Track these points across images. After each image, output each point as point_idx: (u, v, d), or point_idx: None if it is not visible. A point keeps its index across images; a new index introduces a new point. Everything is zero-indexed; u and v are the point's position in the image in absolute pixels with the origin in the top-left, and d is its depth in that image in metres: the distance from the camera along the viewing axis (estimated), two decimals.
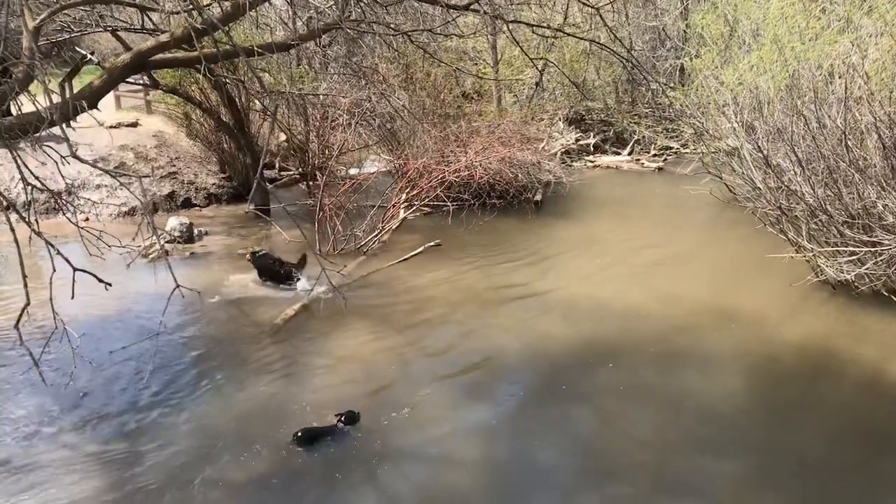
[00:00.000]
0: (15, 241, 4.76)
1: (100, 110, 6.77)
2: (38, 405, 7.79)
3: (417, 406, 7.89)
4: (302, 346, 9.34)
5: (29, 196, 5.50)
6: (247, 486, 6.53)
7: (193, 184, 17.36)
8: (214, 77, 12.36)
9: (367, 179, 15.14)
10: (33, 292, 4.79)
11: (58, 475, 6.65)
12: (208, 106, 15.98)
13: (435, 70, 17.04)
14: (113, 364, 8.61)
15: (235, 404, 7.96)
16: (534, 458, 6.93)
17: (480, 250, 13.29)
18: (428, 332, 9.75)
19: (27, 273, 4.80)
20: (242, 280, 11.76)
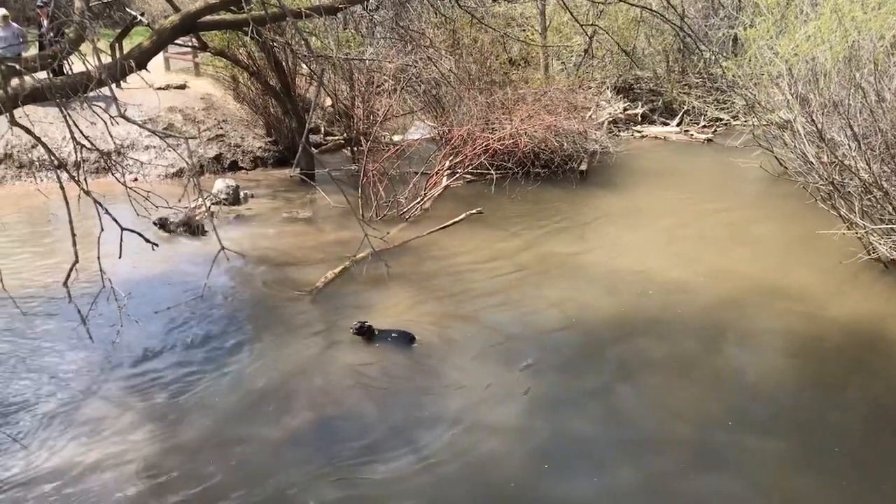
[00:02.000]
0: (65, 200, 4.83)
1: (149, 72, 6.80)
2: (86, 361, 7.99)
3: (455, 372, 7.92)
4: (341, 310, 9.40)
5: (79, 156, 5.56)
6: (285, 445, 6.63)
7: (240, 147, 17.49)
8: (262, 40, 12.36)
9: (411, 146, 15.10)
10: (81, 251, 4.87)
11: (103, 430, 6.82)
12: (255, 69, 16.04)
13: (482, 36, 16.83)
14: (158, 322, 8.78)
15: (274, 365, 8.07)
16: (571, 428, 6.91)
17: (523, 219, 13.20)
18: (467, 300, 9.74)
19: (76, 232, 4.87)
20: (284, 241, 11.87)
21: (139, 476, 6.16)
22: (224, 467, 6.26)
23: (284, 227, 13.02)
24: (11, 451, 6.31)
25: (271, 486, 6.07)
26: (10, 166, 15.05)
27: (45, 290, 9.21)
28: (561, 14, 20.09)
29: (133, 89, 14.44)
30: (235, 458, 6.38)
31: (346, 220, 12.42)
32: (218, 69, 18.70)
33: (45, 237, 12.02)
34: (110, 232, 4.93)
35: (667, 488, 6.13)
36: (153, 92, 14.93)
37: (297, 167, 14.10)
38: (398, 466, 6.36)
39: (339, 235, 12.13)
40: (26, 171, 15.06)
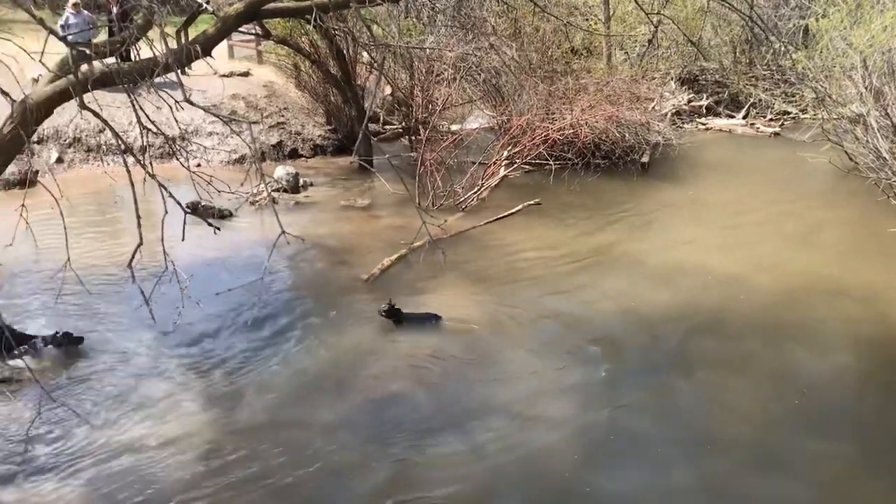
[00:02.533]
0: (130, 184, 4.95)
1: (213, 58, 6.92)
2: (148, 341, 8.21)
3: (508, 363, 7.91)
4: (397, 297, 9.44)
5: (145, 140, 5.70)
6: (338, 428, 6.71)
7: (300, 134, 17.69)
8: (324, 28, 12.47)
9: (469, 135, 15.07)
10: (145, 233, 5.00)
11: (163, 408, 7.01)
12: (317, 57, 16.18)
13: (544, 25, 16.69)
14: (218, 305, 8.95)
15: (330, 349, 8.19)
16: (626, 424, 6.85)
17: (581, 211, 13.08)
18: (523, 291, 9.70)
19: (140, 215, 5.00)
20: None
21: (197, 454, 6.32)
22: (279, 449, 6.38)
23: (342, 214, 13.15)
24: (76, 427, 6.53)
25: (325, 469, 6.16)
26: (78, 150, 15.49)
27: (109, 270, 9.46)
28: (625, 3, 19.78)
29: (198, 76, 14.68)
30: (290, 440, 6.50)
31: (403, 208, 12.47)
32: (280, 57, 18.90)
33: (110, 219, 12.37)
34: (173, 215, 5.05)
35: (723, 488, 6.03)
36: (217, 79, 15.19)
37: (356, 154, 14.20)
38: (449, 454, 6.40)
39: (396, 223, 12.20)
40: (94, 155, 15.48)
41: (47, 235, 6.17)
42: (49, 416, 6.39)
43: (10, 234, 5.31)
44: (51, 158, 14.99)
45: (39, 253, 7.21)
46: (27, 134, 5.78)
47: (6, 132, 5.74)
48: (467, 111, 17.42)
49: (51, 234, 6.05)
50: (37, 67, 5.44)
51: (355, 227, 12.49)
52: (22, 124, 5.61)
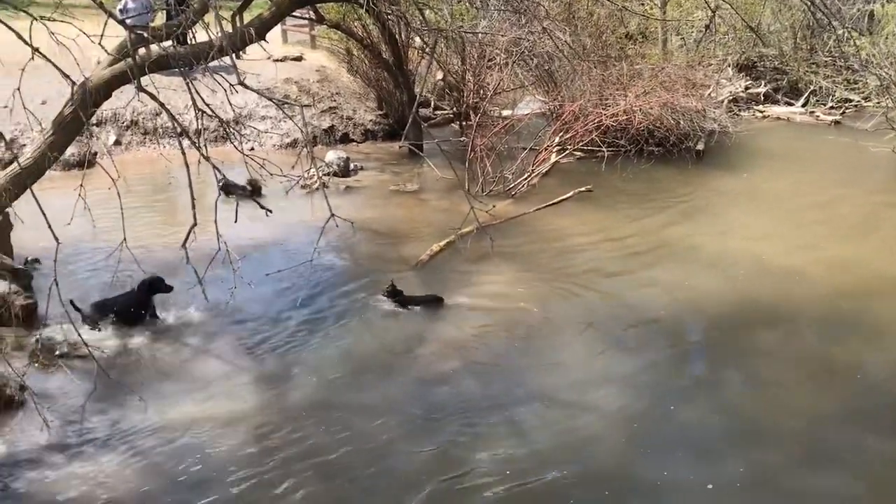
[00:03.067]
0: (185, 166, 5.05)
1: (268, 42, 7.00)
2: (201, 321, 8.37)
3: (558, 351, 7.88)
4: (445, 283, 9.48)
5: (200, 123, 5.79)
6: (385, 412, 6.76)
7: (352, 119, 17.80)
8: (377, 12, 12.50)
9: (521, 121, 14.98)
10: (199, 214, 5.09)
11: (214, 388, 7.14)
12: (369, 42, 16.24)
13: (598, 9, 16.47)
14: (269, 286, 9.09)
15: (378, 334, 8.25)
16: (676, 415, 6.76)
17: (634, 199, 12.92)
18: (573, 279, 9.63)
19: (195, 196, 5.09)
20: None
21: (248, 433, 6.42)
22: (327, 431, 6.45)
23: (392, 199, 13.21)
24: (130, 404, 6.69)
25: (371, 453, 6.21)
26: (135, 132, 15.82)
27: (164, 250, 9.64)
28: None
29: (252, 60, 14.85)
30: (338, 423, 6.56)
31: (452, 194, 12.48)
32: (333, 42, 19.02)
33: (165, 200, 12.62)
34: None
35: (774, 483, 5.91)
36: (271, 63, 15.36)
37: (406, 139, 14.22)
38: (495, 439, 6.39)
39: (445, 209, 12.21)
40: (150, 138, 15.81)
41: (104, 216, 6.31)
42: (104, 393, 6.55)
43: (69, 213, 5.45)
44: (109, 140, 15.35)
45: (96, 232, 7.38)
46: (86, 116, 5.92)
47: (66, 114, 5.89)
48: (519, 96, 17.32)
49: (107, 215, 6.18)
50: (96, 50, 5.56)
51: (405, 212, 12.54)
52: (81, 106, 5.75)
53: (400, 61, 15.99)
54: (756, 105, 20.88)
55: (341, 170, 14.36)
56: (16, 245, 9.57)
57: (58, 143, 5.94)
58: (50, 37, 4.64)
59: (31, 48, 4.56)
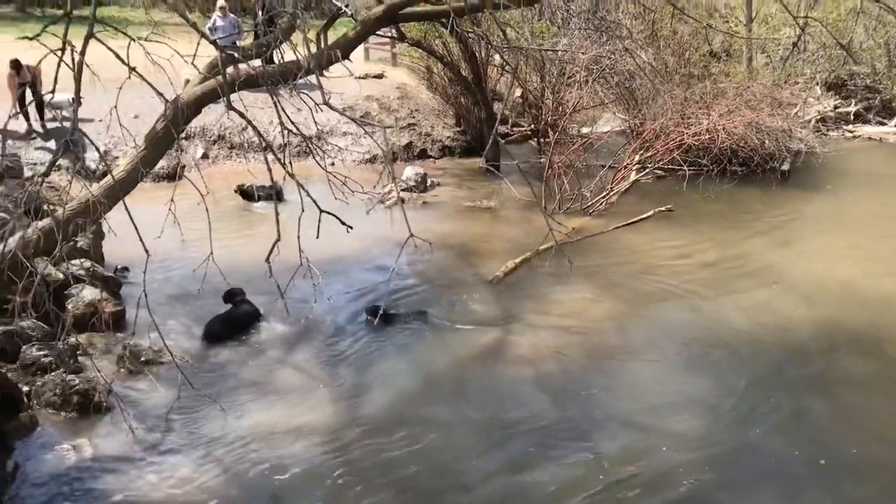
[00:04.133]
0: (271, 181, 5.16)
1: (351, 61, 7.12)
2: (282, 333, 8.52)
3: (635, 373, 7.72)
4: (520, 301, 9.42)
5: (285, 139, 5.91)
6: (460, 429, 6.73)
7: (430, 136, 17.96)
8: (458, 31, 12.59)
9: (600, 139, 14.83)
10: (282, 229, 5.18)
11: (292, 398, 7.25)
12: (449, 60, 16.37)
13: (682, 27, 16.20)
14: (348, 301, 9.21)
15: (453, 350, 8.23)
16: (758, 442, 6.52)
17: (716, 220, 12.61)
18: (651, 301, 9.45)
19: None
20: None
21: (324, 444, 6.49)
22: (400, 445, 6.46)
23: (468, 215, 13.23)
24: (210, 412, 6.84)
25: (444, 469, 6.19)
26: (222, 146, 16.31)
27: (248, 263, 9.83)
28: (769, 4, 18.97)
29: (334, 77, 15.17)
30: (411, 438, 6.56)
31: (529, 211, 12.41)
32: (414, 59, 19.26)
33: (250, 214, 12.92)
34: (309, 211, 5.22)
35: None
36: (353, 80, 15.62)
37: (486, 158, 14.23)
38: (568, 461, 6.28)
39: (522, 226, 12.15)
40: (236, 151, 16.26)
41: (191, 227, 6.49)
42: (186, 400, 6.72)
43: (158, 224, 5.61)
44: (197, 154, 15.85)
45: (184, 243, 7.61)
46: (177, 131, 6.10)
47: (159, 129, 6.08)
48: (598, 114, 17.15)
49: (194, 227, 6.36)
50: (187, 68, 5.74)
51: (481, 228, 12.53)
52: (173, 122, 5.93)
53: (479, 79, 16.07)
54: (845, 125, 20.17)
55: (418, 185, 14.48)
56: (106, 253, 9.96)
57: (150, 157, 6.14)
58: (146, 56, 4.80)
59: (129, 67, 4.74)
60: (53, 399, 6.81)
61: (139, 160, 5.91)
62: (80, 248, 9.16)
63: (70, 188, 5.63)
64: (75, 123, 4.57)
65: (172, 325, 8.38)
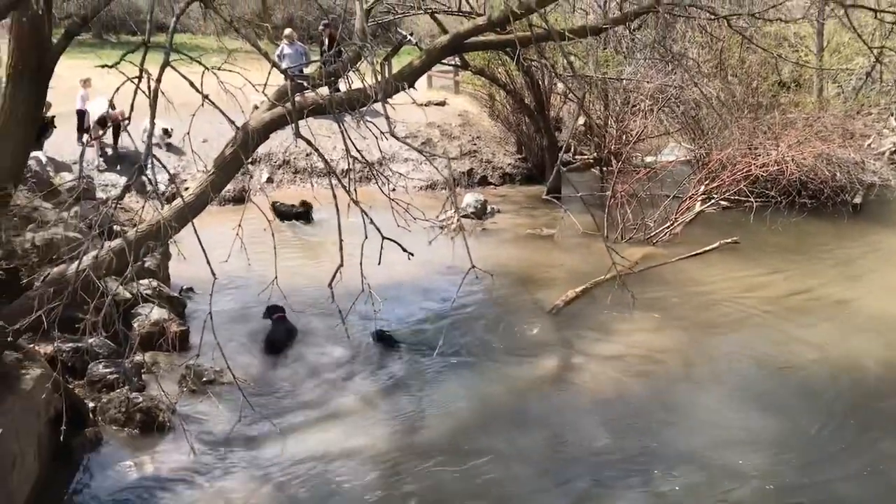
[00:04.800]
0: (336, 208, 5.26)
1: (415, 89, 7.22)
2: (341, 357, 8.61)
3: (698, 408, 7.57)
4: (580, 331, 9.35)
5: (350, 165, 6.01)
6: (516, 461, 6.67)
7: (491, 163, 18.02)
8: (523, 59, 12.66)
9: (664, 168, 14.68)
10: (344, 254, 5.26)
11: (349, 423, 7.30)
12: (512, 88, 16.45)
13: (750, 56, 15.98)
14: (407, 327, 9.26)
15: (511, 379, 8.20)
16: (829, 484, 6.31)
17: (784, 253, 12.33)
18: (716, 334, 9.27)
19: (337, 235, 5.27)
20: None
21: (379, 470, 6.51)
22: (455, 475, 6.44)
23: (528, 243, 13.20)
24: (270, 433, 6.93)
25: (499, 498, 6.14)
26: (286, 171, 16.63)
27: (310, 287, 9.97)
28: (841, 33, 18.52)
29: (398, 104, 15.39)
30: (467, 468, 6.53)
31: (590, 240, 12.30)
32: (476, 87, 19.41)
33: (314, 238, 13.10)
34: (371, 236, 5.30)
35: None
36: (416, 108, 15.78)
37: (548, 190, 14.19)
38: (630, 499, 6.18)
39: (582, 255, 12.06)
40: (300, 176, 16.57)
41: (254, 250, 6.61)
42: (247, 421, 6.82)
43: (224, 246, 5.74)
44: (262, 178, 16.18)
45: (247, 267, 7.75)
46: (245, 156, 6.26)
47: (228, 154, 6.24)
48: (663, 143, 16.99)
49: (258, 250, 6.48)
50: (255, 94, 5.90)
51: (540, 257, 12.48)
52: (242, 147, 6.09)
53: (542, 106, 16.12)
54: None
55: (479, 212, 14.52)
56: (172, 274, 10.21)
57: (218, 181, 6.30)
58: (219, 84, 4.95)
59: (202, 95, 4.89)
60: (117, 416, 6.98)
61: (208, 184, 6.06)
62: (147, 268, 9.41)
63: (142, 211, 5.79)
64: (149, 149, 4.73)
65: (234, 347, 8.51)
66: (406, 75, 6.92)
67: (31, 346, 6.73)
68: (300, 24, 26.38)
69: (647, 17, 12.77)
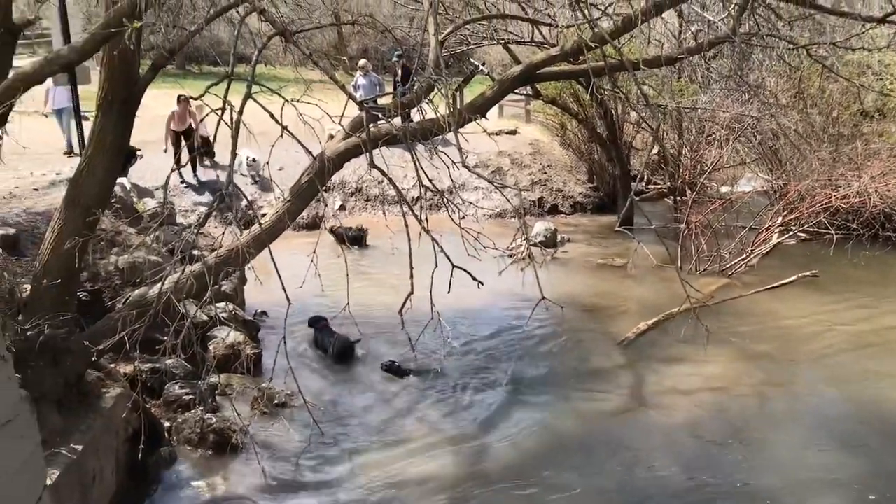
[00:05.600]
0: (407, 236, 5.35)
1: (487, 119, 7.30)
2: (409, 384, 8.68)
3: (775, 447, 7.38)
4: (652, 364, 9.22)
5: (421, 193, 6.09)
6: (587, 496, 6.59)
7: (561, 191, 17.97)
8: (598, 90, 12.64)
9: (740, 198, 14.39)
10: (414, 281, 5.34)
11: (416, 448, 7.36)
12: (584, 116, 16.41)
13: (830, 86, 15.59)
14: (475, 356, 9.28)
15: (579, 411, 8.14)
16: None
17: (866, 287, 11.91)
18: (794, 370, 9.03)
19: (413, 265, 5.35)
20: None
21: (444, 497, 6.52)
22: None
23: (598, 273, 13.08)
24: (338, 457, 7.03)
25: None
26: (359, 198, 16.93)
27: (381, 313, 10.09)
28: None
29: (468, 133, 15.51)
30: (534, 500, 6.48)
31: (663, 271, 12.11)
32: (548, 116, 19.43)
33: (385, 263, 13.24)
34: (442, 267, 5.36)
35: None
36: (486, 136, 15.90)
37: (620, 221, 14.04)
38: None
39: (655, 287, 11.88)
40: (371, 204, 16.83)
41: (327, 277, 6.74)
42: (316, 444, 6.94)
43: (294, 269, 5.86)
44: (335, 205, 16.50)
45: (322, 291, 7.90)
46: (321, 184, 6.43)
47: (304, 181, 6.42)
48: (738, 173, 16.68)
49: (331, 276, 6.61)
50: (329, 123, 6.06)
51: (611, 288, 12.35)
52: (318, 175, 6.26)
53: (614, 135, 16.02)
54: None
55: (548, 241, 14.47)
56: (246, 297, 10.47)
57: (294, 208, 6.48)
58: (298, 116, 5.12)
59: (282, 127, 5.07)
60: (192, 436, 7.17)
61: (285, 211, 6.24)
62: (224, 292, 9.68)
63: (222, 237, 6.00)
64: (230, 177, 4.91)
65: (305, 371, 8.68)
66: (478, 106, 7.01)
67: (111, 366, 6.98)
68: (374, 54, 26.92)
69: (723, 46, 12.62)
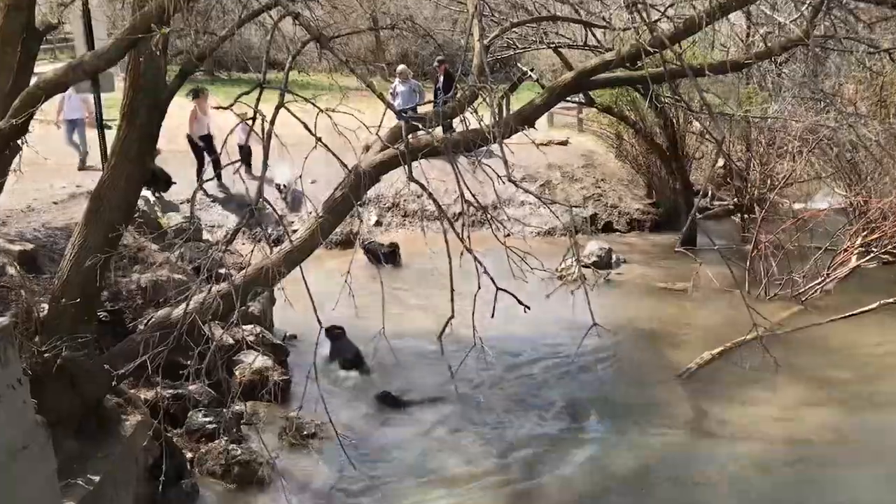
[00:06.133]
0: (448, 255, 5.39)
1: (536, 129, 7.32)
2: (450, 414, 8.70)
3: (852, 489, 7.32)
4: (715, 399, 9.11)
5: (463, 209, 6.12)
6: None
7: (617, 207, 17.84)
8: (657, 97, 12.58)
9: (815, 217, 14.19)
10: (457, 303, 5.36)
11: (458, 484, 7.39)
12: (642, 127, 16.34)
13: None
14: (520, 385, 9.26)
15: (634, 448, 8.09)
16: None
17: None
18: (875, 408, 8.85)
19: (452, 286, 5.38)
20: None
21: None
22: None
23: (657, 297, 12.97)
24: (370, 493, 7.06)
25: None
26: (395, 214, 17.04)
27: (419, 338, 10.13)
28: None
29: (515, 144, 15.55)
30: None
31: (728, 296, 11.94)
32: (602, 126, 19.37)
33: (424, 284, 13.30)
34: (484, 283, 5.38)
35: None
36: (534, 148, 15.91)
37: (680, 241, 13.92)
38: None
39: (719, 313, 11.74)
40: (409, 219, 16.93)
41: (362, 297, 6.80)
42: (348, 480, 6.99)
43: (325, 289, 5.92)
44: (370, 220, 16.63)
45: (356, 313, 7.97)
46: (356, 198, 6.50)
47: (338, 196, 6.49)
48: (813, 189, 16.45)
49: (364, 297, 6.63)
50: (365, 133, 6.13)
51: (671, 314, 12.23)
52: (352, 189, 6.33)
53: (675, 147, 15.92)
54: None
55: (602, 261, 14.39)
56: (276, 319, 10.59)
57: (327, 224, 6.55)
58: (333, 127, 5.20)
59: (316, 138, 5.15)
60: (215, 468, 7.25)
61: (317, 227, 6.31)
62: (251, 313, 9.80)
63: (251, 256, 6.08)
64: (261, 191, 5.01)
65: (336, 400, 8.72)
66: (526, 115, 7.04)
67: (132, 391, 7.11)
68: (414, 59, 27.16)
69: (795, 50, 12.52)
